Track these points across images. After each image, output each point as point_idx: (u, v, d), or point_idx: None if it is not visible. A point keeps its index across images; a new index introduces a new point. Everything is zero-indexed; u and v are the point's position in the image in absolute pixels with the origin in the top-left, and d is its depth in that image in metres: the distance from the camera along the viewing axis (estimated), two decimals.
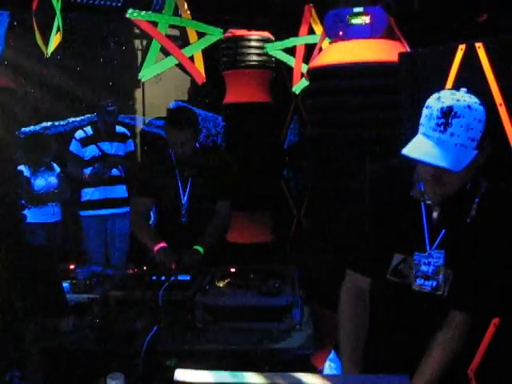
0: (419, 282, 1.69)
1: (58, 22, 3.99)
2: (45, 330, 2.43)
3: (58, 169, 4.78)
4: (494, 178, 1.68)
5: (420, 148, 1.51)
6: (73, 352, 2.32)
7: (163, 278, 2.65)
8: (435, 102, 1.54)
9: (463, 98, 1.53)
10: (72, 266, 2.96)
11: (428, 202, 1.65)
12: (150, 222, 3.58)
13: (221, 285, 2.69)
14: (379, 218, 1.74)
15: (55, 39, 4.13)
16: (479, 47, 2.32)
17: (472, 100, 1.53)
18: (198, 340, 2.35)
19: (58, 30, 4.05)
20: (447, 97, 1.53)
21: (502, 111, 2.26)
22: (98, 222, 4.72)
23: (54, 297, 2.51)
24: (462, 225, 1.64)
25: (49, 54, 4.19)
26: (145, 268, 2.91)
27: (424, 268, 1.68)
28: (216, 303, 2.49)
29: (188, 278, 2.68)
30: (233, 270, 2.83)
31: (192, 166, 3.19)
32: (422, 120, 1.56)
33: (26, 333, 2.41)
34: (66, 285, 2.69)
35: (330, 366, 1.91)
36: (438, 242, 1.68)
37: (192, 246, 3.08)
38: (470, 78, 2.37)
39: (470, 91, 1.57)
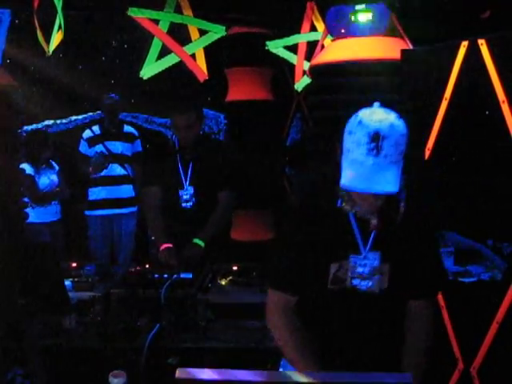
0: (355, 282, 1.74)
1: (59, 20, 3.99)
2: (47, 328, 2.44)
3: (57, 167, 4.77)
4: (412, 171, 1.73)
5: (360, 178, 1.54)
6: (75, 350, 2.32)
7: (165, 275, 2.65)
8: (358, 128, 1.56)
9: (384, 116, 1.57)
10: (74, 265, 2.96)
11: (361, 214, 1.70)
12: None
13: (223, 282, 2.69)
14: (305, 232, 1.76)
15: (57, 37, 4.12)
16: (482, 44, 2.31)
17: (392, 116, 1.58)
18: (201, 338, 2.35)
19: (60, 28, 4.05)
20: (368, 119, 1.56)
21: (505, 108, 2.25)
22: (104, 221, 4.69)
23: (56, 295, 2.51)
24: (393, 223, 1.70)
25: (50, 52, 4.18)
26: (147, 266, 2.91)
27: (360, 269, 1.74)
28: (218, 301, 2.49)
29: (190, 275, 2.68)
30: (235, 267, 2.83)
31: (194, 152, 3.19)
32: (349, 146, 1.57)
33: (28, 330, 2.41)
34: (68, 283, 2.70)
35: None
36: (370, 243, 1.73)
37: (192, 239, 3.08)
38: (473, 75, 2.36)
39: (382, 104, 1.62)
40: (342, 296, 1.76)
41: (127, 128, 4.83)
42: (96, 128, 4.70)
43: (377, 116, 1.57)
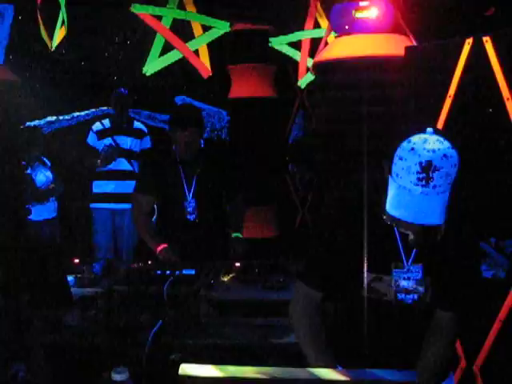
0: (400, 296, 1.75)
1: (62, 15, 3.98)
2: (50, 324, 2.43)
3: (49, 163, 4.75)
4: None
5: (406, 207, 1.54)
6: (77, 346, 2.32)
7: (168, 272, 2.65)
8: (410, 155, 1.54)
9: (436, 146, 1.54)
10: (77, 261, 2.96)
11: (402, 229, 1.68)
12: (153, 219, 3.59)
13: (225, 279, 2.69)
14: (348, 238, 1.77)
15: (60, 33, 4.12)
16: (487, 41, 2.31)
17: (445, 146, 1.55)
18: (203, 334, 2.34)
19: (63, 23, 4.04)
20: (421, 148, 1.53)
21: (510, 105, 2.25)
22: (107, 215, 4.68)
23: (59, 291, 2.52)
24: (434, 240, 1.68)
25: (53, 47, 4.17)
26: (150, 262, 2.91)
27: (404, 283, 1.75)
28: (221, 298, 2.49)
29: (193, 272, 2.68)
30: (237, 264, 2.83)
31: (196, 165, 3.18)
32: (399, 171, 1.56)
33: (31, 327, 2.41)
34: (70, 279, 2.70)
35: None
36: (412, 257, 1.74)
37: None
38: (478, 72, 2.35)
39: (435, 132, 1.59)
40: (378, 307, 1.77)
41: (137, 124, 4.83)
42: (106, 121, 4.70)
43: (430, 145, 1.54)
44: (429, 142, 1.54)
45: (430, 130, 1.58)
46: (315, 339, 1.78)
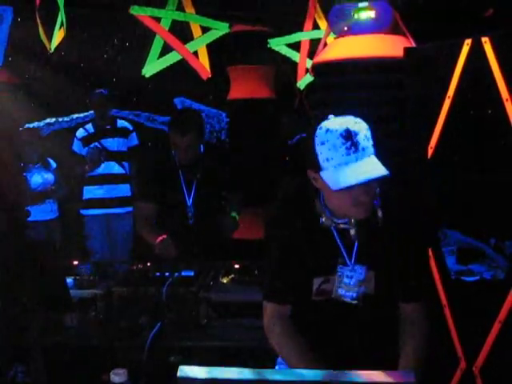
0: (340, 292, 1.79)
1: (61, 17, 3.98)
2: (49, 326, 2.43)
3: (54, 165, 4.72)
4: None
5: (351, 174, 1.60)
6: (76, 347, 2.32)
7: (167, 273, 2.65)
8: (329, 135, 1.62)
9: (344, 119, 1.66)
10: (75, 262, 2.96)
11: (340, 226, 1.76)
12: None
13: (225, 281, 2.69)
14: (291, 246, 1.82)
15: (59, 34, 4.12)
16: (485, 42, 2.30)
17: (350, 117, 1.66)
18: (202, 336, 2.34)
19: (62, 25, 4.04)
20: (333, 125, 1.63)
21: (509, 106, 2.24)
22: (101, 221, 4.62)
23: (57, 292, 2.51)
24: (374, 231, 1.76)
25: (52, 49, 4.17)
26: (149, 264, 2.90)
27: (346, 280, 1.78)
28: (220, 299, 2.49)
29: (192, 273, 2.68)
30: (237, 265, 2.83)
31: (196, 170, 3.17)
32: (327, 154, 1.63)
33: (29, 328, 2.41)
34: (69, 280, 2.69)
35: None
36: (354, 255, 1.78)
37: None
38: (477, 73, 2.35)
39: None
40: (327, 306, 1.81)
41: (121, 123, 4.73)
42: (89, 126, 4.62)
43: (339, 120, 1.65)
44: (334, 119, 1.66)
45: (330, 116, 1.69)
46: (301, 354, 1.78)
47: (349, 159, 1.60)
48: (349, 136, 1.60)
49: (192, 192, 3.18)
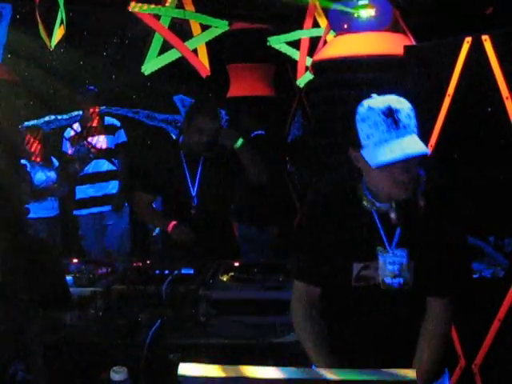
0: (387, 280, 1.75)
1: (61, 14, 3.98)
2: (48, 324, 2.43)
3: (56, 163, 4.73)
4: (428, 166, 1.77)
5: (392, 151, 1.57)
6: (76, 345, 2.32)
7: (167, 271, 2.65)
8: (370, 112, 1.61)
9: (385, 97, 1.63)
10: (75, 260, 2.96)
11: (381, 209, 1.73)
12: None
13: (224, 278, 2.69)
14: (329, 229, 1.79)
15: (59, 32, 4.11)
16: (486, 40, 2.30)
17: (393, 96, 1.65)
18: (202, 334, 2.34)
19: (62, 22, 4.03)
20: (375, 103, 1.62)
21: (509, 104, 2.25)
22: (93, 220, 4.59)
23: (57, 290, 2.51)
24: (416, 218, 1.72)
25: (52, 46, 4.16)
26: (148, 262, 2.91)
27: (390, 267, 1.74)
28: (220, 297, 2.49)
29: (191, 271, 2.68)
30: (236, 263, 2.83)
31: (200, 161, 3.19)
32: (367, 131, 1.61)
33: (29, 326, 2.41)
34: (69, 278, 2.69)
35: None
36: (396, 241, 1.75)
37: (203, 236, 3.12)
38: (477, 71, 2.35)
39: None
40: (368, 293, 1.77)
41: (108, 120, 4.70)
42: (77, 126, 4.60)
43: (381, 98, 1.63)
44: (377, 98, 1.64)
45: (374, 95, 1.67)
46: (319, 343, 1.78)
47: (389, 136, 1.58)
48: (390, 113, 1.58)
49: (196, 182, 3.19)
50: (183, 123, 3.27)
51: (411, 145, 1.58)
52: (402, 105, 1.61)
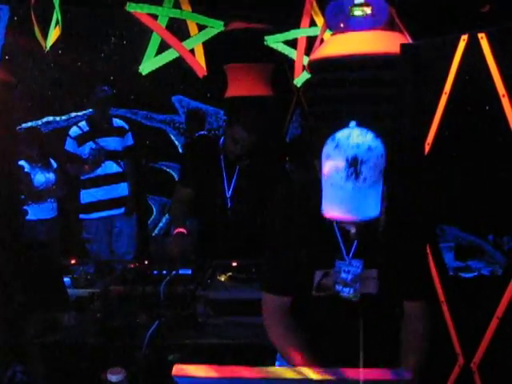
0: (338, 287, 1.76)
1: (56, 15, 3.98)
2: (46, 325, 2.43)
3: (54, 164, 4.71)
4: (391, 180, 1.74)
5: (341, 205, 1.55)
6: (74, 346, 2.32)
7: (164, 272, 2.65)
8: (336, 153, 1.55)
9: (360, 140, 1.55)
10: (73, 262, 2.95)
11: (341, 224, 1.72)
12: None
13: (222, 279, 2.68)
14: (292, 238, 1.80)
15: (54, 33, 4.11)
16: (482, 37, 2.29)
17: (368, 138, 1.56)
18: (200, 334, 2.34)
19: (57, 23, 4.03)
20: (345, 144, 1.55)
21: (505, 102, 2.24)
22: (101, 224, 4.48)
23: (55, 291, 2.51)
24: (375, 231, 1.71)
25: (48, 47, 4.16)
26: (146, 262, 2.90)
27: (343, 275, 1.75)
28: (218, 297, 2.48)
29: (189, 272, 2.68)
30: (234, 263, 2.82)
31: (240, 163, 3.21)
32: (328, 171, 1.57)
33: (27, 327, 2.41)
34: (66, 280, 2.69)
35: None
36: (353, 250, 1.76)
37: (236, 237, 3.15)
38: (473, 69, 2.35)
39: (358, 124, 1.60)
40: (327, 302, 1.79)
41: (116, 122, 4.63)
42: (83, 124, 4.48)
43: (354, 140, 1.55)
44: (352, 137, 1.56)
45: (353, 123, 1.60)
46: (300, 350, 1.77)
47: (345, 185, 1.54)
48: (354, 163, 1.53)
49: (231, 185, 3.21)
50: (224, 128, 3.27)
51: (361, 208, 1.55)
52: (371, 154, 1.54)
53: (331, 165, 1.56)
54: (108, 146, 4.46)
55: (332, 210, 1.57)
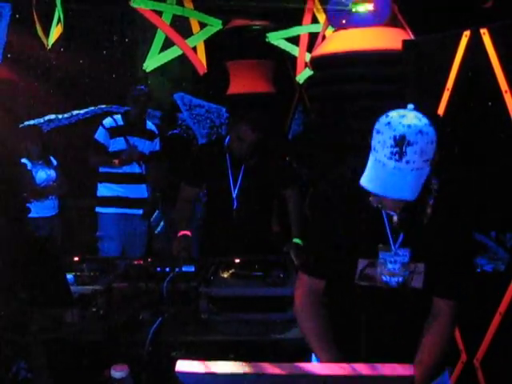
0: (384, 279, 1.75)
1: (58, 13, 3.98)
2: (50, 322, 2.43)
3: (55, 162, 4.72)
4: (443, 174, 1.72)
5: (379, 180, 1.55)
6: (77, 343, 2.32)
7: (167, 269, 2.65)
8: (386, 129, 1.54)
9: (413, 121, 1.53)
10: (76, 259, 2.96)
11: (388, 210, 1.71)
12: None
13: (225, 275, 2.68)
14: (336, 224, 1.78)
15: (56, 31, 4.11)
16: (484, 33, 2.29)
17: (422, 122, 1.54)
18: (203, 331, 2.34)
19: (59, 21, 4.04)
20: (397, 122, 1.54)
21: (508, 98, 2.24)
22: (116, 220, 4.39)
23: (58, 288, 2.51)
24: (420, 225, 1.71)
25: (50, 45, 4.16)
26: (149, 259, 2.90)
27: (390, 266, 1.74)
28: (220, 294, 2.48)
29: (192, 269, 2.68)
30: (237, 260, 2.82)
31: (245, 162, 3.21)
32: (375, 145, 1.57)
33: (30, 325, 2.41)
34: (70, 276, 2.69)
35: None
36: (399, 241, 1.74)
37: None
38: (475, 65, 2.34)
39: (417, 108, 1.58)
40: (370, 291, 1.76)
41: (149, 125, 4.57)
42: (118, 118, 4.38)
43: (406, 120, 1.54)
44: (406, 117, 1.55)
45: (410, 106, 1.59)
46: (322, 337, 1.78)
47: (387, 163, 1.53)
48: (400, 143, 1.51)
49: (237, 185, 3.21)
50: (228, 126, 3.27)
51: (397, 185, 1.53)
52: (421, 138, 1.52)
53: (379, 140, 1.56)
54: (137, 147, 4.39)
55: (369, 182, 1.57)
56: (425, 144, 1.52)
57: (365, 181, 1.58)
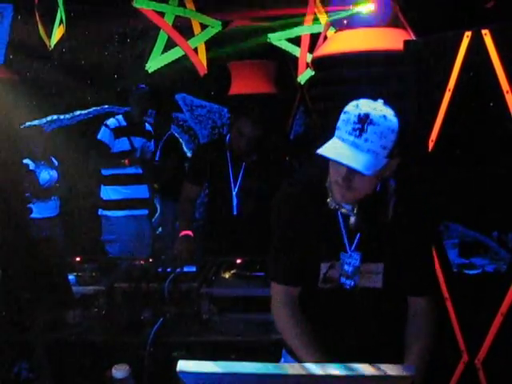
0: (342, 280, 1.78)
1: (60, 14, 3.98)
2: (51, 322, 2.44)
3: (56, 162, 4.73)
4: (401, 176, 1.76)
5: (335, 149, 1.59)
6: (79, 343, 2.33)
7: (169, 269, 2.65)
8: (353, 109, 1.60)
9: (380, 108, 1.60)
10: (78, 259, 2.96)
11: (343, 211, 1.74)
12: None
13: (227, 276, 2.69)
14: (297, 231, 1.80)
15: (58, 31, 4.12)
16: (486, 34, 2.29)
17: (388, 111, 1.60)
18: (204, 331, 2.35)
19: (61, 22, 4.04)
20: (365, 105, 1.60)
21: (509, 98, 2.23)
22: (123, 223, 4.36)
23: (60, 289, 2.52)
24: (379, 226, 1.74)
25: (52, 46, 4.16)
26: (151, 260, 2.91)
27: (346, 267, 1.78)
28: (222, 294, 2.49)
29: (194, 269, 2.68)
30: (239, 260, 2.83)
31: (246, 161, 3.22)
32: (339, 124, 1.62)
33: (32, 325, 2.42)
34: (71, 277, 2.70)
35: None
36: (355, 244, 1.77)
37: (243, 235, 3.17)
38: (477, 66, 2.34)
39: (386, 102, 1.64)
40: (332, 294, 1.80)
41: (147, 126, 4.62)
42: (120, 118, 4.38)
43: (374, 105, 1.60)
44: (374, 103, 1.61)
45: (380, 100, 1.64)
46: (306, 343, 1.78)
47: (346, 138, 1.58)
48: (363, 121, 1.56)
49: (238, 183, 3.23)
50: (230, 123, 3.29)
51: (351, 156, 1.55)
52: (383, 122, 1.57)
53: (343, 118, 1.60)
54: (138, 146, 4.40)
55: (324, 150, 1.59)
56: (386, 128, 1.57)
57: (321, 150, 1.59)
